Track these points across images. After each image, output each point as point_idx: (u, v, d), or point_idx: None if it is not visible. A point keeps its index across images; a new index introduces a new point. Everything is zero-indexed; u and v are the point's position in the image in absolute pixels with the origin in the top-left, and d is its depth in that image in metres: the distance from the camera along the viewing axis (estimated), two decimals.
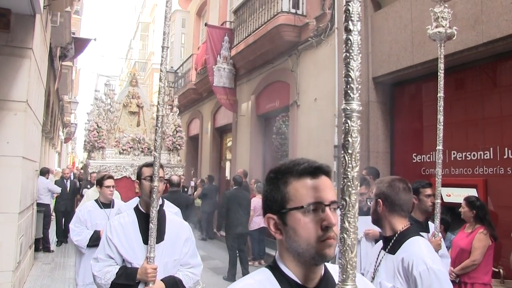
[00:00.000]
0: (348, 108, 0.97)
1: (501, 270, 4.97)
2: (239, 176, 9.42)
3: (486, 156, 5.66)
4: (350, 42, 0.97)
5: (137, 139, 9.70)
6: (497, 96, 5.72)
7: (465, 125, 6.11)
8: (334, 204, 1.19)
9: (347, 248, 0.97)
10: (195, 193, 13.16)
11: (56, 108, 17.57)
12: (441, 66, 3.60)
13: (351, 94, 0.97)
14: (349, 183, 0.97)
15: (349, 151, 0.97)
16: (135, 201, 4.21)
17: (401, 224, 2.25)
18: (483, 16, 5.40)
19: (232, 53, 11.85)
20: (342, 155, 0.98)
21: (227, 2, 14.69)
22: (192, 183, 14.56)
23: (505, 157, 5.48)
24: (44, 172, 10.25)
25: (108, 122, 9.70)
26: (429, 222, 3.93)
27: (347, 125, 0.97)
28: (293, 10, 9.28)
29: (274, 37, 9.47)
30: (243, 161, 12.09)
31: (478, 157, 5.76)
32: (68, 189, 11.42)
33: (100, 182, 5.02)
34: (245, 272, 8.63)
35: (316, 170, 1.22)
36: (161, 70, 2.84)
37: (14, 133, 4.80)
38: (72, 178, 12.27)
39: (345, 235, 0.97)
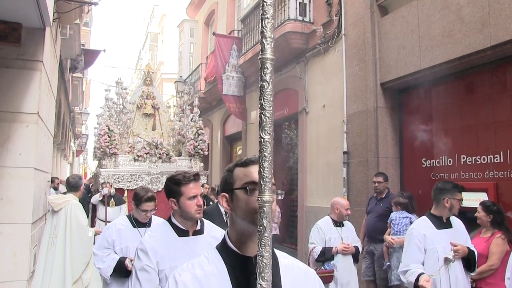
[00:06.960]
0: None
1: None
2: None
3: (496, 160, 5.61)
4: None
5: (154, 144, 8.66)
6: (507, 99, 5.68)
7: (475, 129, 6.07)
8: None
9: None
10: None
11: (67, 120, 17.74)
12: None
13: None
14: None
15: None
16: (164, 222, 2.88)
17: None
18: (490, 19, 5.38)
19: (240, 61, 11.91)
20: None
21: (234, 11, 14.80)
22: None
23: None
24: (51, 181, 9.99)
25: (121, 125, 8.73)
26: None
27: None
28: (300, 18, 9.33)
29: (281, 45, 9.51)
30: None
31: (488, 161, 5.72)
32: None
33: (137, 202, 3.93)
34: None
35: None
36: None
37: (26, 145, 4.84)
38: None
39: None
